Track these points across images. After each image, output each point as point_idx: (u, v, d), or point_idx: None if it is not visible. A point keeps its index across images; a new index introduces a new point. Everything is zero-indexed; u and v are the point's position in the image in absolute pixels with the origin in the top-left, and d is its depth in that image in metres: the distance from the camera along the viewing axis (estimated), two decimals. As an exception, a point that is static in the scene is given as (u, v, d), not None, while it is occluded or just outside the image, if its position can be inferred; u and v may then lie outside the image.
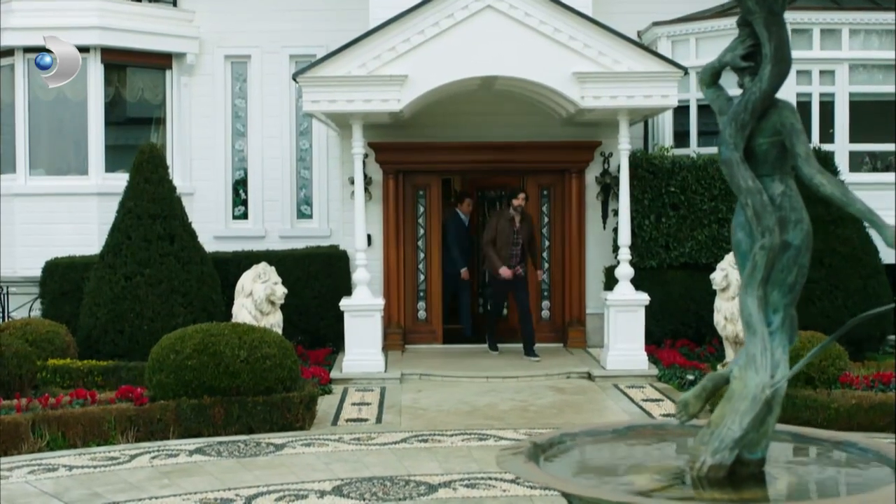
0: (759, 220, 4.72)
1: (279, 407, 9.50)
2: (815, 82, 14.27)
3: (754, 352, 4.52)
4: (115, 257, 12.27)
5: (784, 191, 4.88)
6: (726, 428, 4.40)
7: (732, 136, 4.84)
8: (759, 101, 4.87)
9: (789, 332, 4.75)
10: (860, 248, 12.53)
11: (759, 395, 4.43)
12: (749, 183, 4.73)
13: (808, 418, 9.44)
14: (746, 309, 4.62)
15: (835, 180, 4.66)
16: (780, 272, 4.76)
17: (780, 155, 4.84)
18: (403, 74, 11.76)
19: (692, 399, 4.79)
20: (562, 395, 11.33)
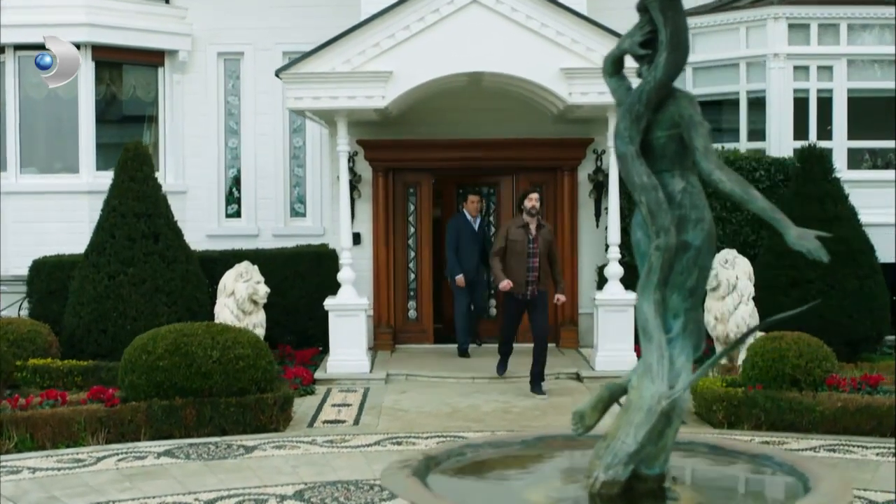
0: (654, 218, 4.42)
1: (252, 408, 9.35)
2: (813, 78, 14.04)
3: (650, 360, 4.26)
4: (98, 256, 12.15)
5: (685, 187, 4.55)
6: (620, 441, 4.13)
7: (627, 128, 4.57)
8: (653, 91, 4.58)
9: (694, 338, 4.46)
10: (856, 248, 12.27)
11: (655, 407, 4.16)
12: (643, 179, 4.45)
13: (792, 421, 9.26)
14: (642, 314, 4.36)
15: (735, 176, 4.38)
16: (679, 274, 4.45)
17: (679, 149, 4.53)
18: (388, 71, 11.59)
19: (588, 410, 4.50)
20: (549, 395, 11.13)
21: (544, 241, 11.14)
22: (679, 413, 4.31)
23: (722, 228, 13.12)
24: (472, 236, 13.26)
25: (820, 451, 8.55)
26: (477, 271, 13.24)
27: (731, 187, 4.33)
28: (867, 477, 7.75)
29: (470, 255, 13.16)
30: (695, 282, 4.46)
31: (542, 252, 11.10)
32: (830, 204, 12.31)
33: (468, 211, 13.33)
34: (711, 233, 4.54)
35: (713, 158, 4.43)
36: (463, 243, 13.12)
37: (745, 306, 11.44)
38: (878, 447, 8.65)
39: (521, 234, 11.07)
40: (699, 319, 4.54)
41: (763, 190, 12.99)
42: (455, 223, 13.34)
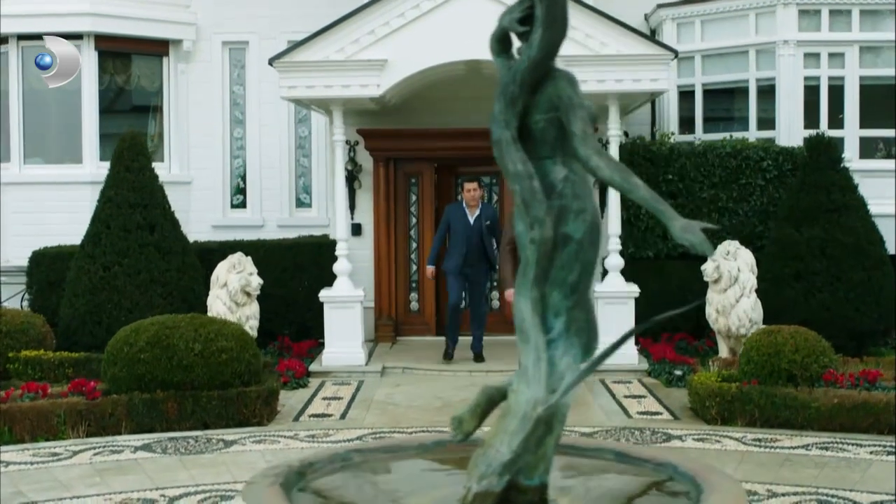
0: (528, 209, 4.10)
1: (235, 402, 9.21)
2: (824, 65, 13.72)
3: (526, 362, 3.98)
4: (94, 247, 12.06)
5: (566, 176, 4.22)
6: (495, 450, 3.83)
7: (502, 112, 4.28)
8: (527, 72, 4.26)
9: (583, 337, 4.16)
10: (864, 238, 11.95)
11: (530, 413, 3.87)
12: (518, 167, 4.15)
13: (788, 418, 9.00)
14: (518, 313, 4.08)
15: (615, 163, 4.06)
16: (560, 270, 4.14)
17: (560, 134, 4.21)
18: (383, 59, 11.41)
19: (467, 416, 4.17)
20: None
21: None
22: (561, 419, 4.04)
23: (728, 219, 12.88)
24: (465, 228, 12.05)
25: (812, 449, 8.30)
26: (470, 266, 12.07)
27: (611, 174, 4.00)
28: (856, 476, 7.50)
29: (458, 247, 12.05)
30: (577, 277, 4.14)
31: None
32: (838, 194, 12.00)
33: (465, 200, 12.25)
34: (595, 224, 4.22)
35: (592, 143, 4.08)
36: (453, 234, 12.15)
37: (746, 299, 11.18)
38: (874, 445, 8.38)
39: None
40: (587, 318, 4.21)
41: (771, 180, 12.76)
42: (448, 211, 12.41)
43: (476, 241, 12.07)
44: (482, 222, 12.13)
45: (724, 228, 12.79)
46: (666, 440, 8.66)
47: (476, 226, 12.14)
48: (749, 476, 7.48)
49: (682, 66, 14.48)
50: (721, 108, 14.80)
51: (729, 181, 12.85)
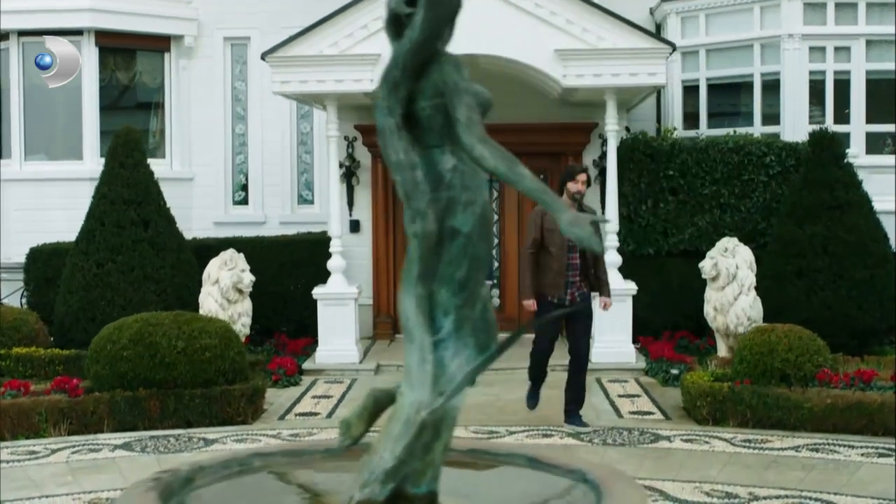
0: (410, 201, 3.89)
1: (218, 400, 9.11)
2: (830, 59, 13.48)
3: (411, 364, 3.82)
4: (88, 244, 12.00)
5: (455, 166, 4.00)
6: (378, 456, 3.64)
7: (385, 98, 4.00)
8: (409, 55, 4.00)
9: (480, 337, 3.95)
10: (867, 236, 11.70)
11: (414, 417, 3.67)
12: (400, 156, 3.95)
13: (780, 419, 8.82)
14: (403, 311, 3.91)
15: (501, 152, 3.82)
16: (448, 265, 3.92)
17: (448, 121, 3.97)
18: (376, 53, 11.24)
19: (355, 419, 3.98)
20: (543, 389, 10.75)
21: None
22: (450, 424, 3.84)
23: (730, 216, 12.67)
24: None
25: (802, 451, 8.11)
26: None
27: (495, 164, 3.77)
28: (843, 479, 7.31)
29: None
30: (466, 273, 3.90)
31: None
32: (841, 190, 11.76)
33: None
34: (485, 217, 4.00)
35: (476, 131, 3.83)
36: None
37: (745, 297, 10.99)
38: (866, 447, 8.18)
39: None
40: (482, 316, 3.98)
41: (774, 176, 12.55)
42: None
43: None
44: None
45: (725, 225, 12.60)
46: (654, 441, 8.49)
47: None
48: (732, 478, 7.31)
49: (687, 60, 14.30)
50: (726, 103, 14.59)
51: (731, 177, 12.64)
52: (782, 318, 11.51)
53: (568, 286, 8.70)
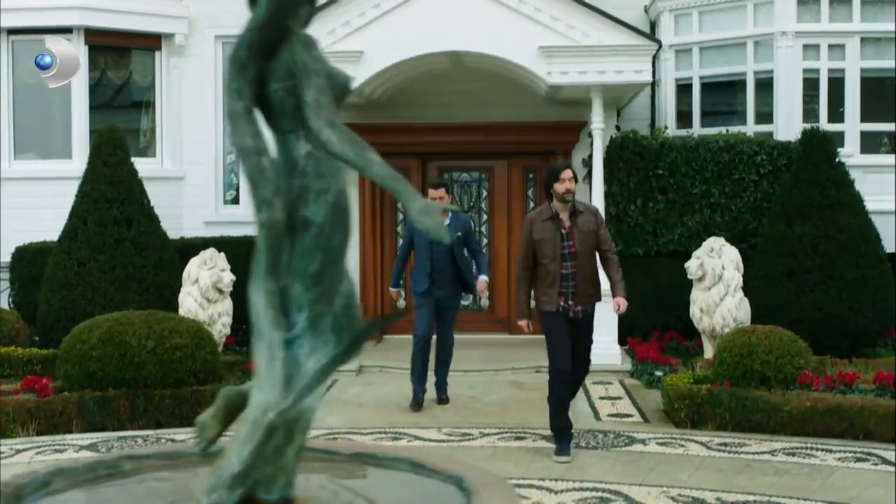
0: (255, 189, 3.72)
1: (189, 401, 8.99)
2: (824, 57, 13.26)
3: (259, 363, 3.65)
4: (70, 242, 11.90)
5: (309, 152, 3.83)
6: (226, 460, 3.52)
7: (233, 80, 3.84)
8: (254, 33, 3.82)
9: (343, 334, 3.78)
10: (859, 235, 11.51)
11: (261, 419, 3.49)
12: (247, 141, 3.77)
13: (759, 422, 8.64)
14: (252, 306, 3.76)
15: (350, 137, 3.63)
16: (300, 258, 3.74)
17: (301, 105, 3.79)
18: (358, 51, 11.16)
19: (209, 421, 3.85)
20: (519, 390, 10.63)
21: (585, 235, 7.83)
22: (304, 426, 3.68)
23: (721, 215, 12.48)
24: (431, 242, 9.19)
25: (778, 455, 7.93)
26: (439, 287, 9.80)
27: (342, 149, 3.60)
28: (815, 485, 7.13)
29: (423, 265, 9.85)
30: (319, 266, 3.73)
31: (585, 251, 7.84)
32: (832, 189, 11.57)
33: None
34: (339, 207, 3.80)
35: (324, 114, 3.67)
36: (417, 249, 9.91)
37: (731, 298, 10.81)
38: (844, 451, 7.99)
39: (550, 231, 7.79)
40: (346, 312, 3.79)
41: (765, 175, 12.37)
42: (409, 224, 10.16)
43: (445, 258, 9.76)
44: (452, 235, 9.36)
45: (716, 225, 12.41)
46: (628, 444, 8.32)
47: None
48: (701, 483, 7.14)
49: (680, 58, 14.12)
50: (720, 101, 14.40)
51: (721, 176, 12.45)
52: (772, 319, 11.33)
53: (567, 297, 7.78)
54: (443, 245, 8.82)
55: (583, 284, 7.81)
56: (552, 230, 7.79)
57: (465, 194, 13.69)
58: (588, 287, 7.88)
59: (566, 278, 7.76)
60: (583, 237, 7.81)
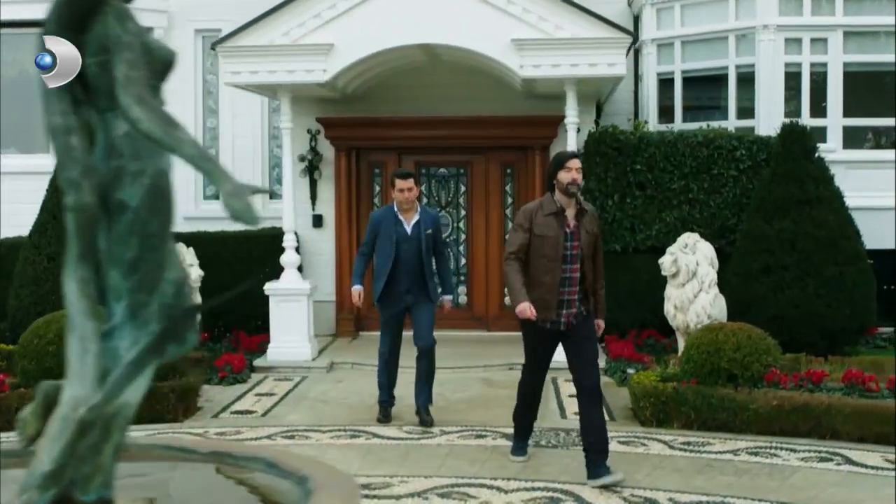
0: (63, 170, 3.57)
1: (147, 397, 8.76)
2: (806, 51, 13.10)
3: (71, 355, 3.50)
4: (40, 237, 11.80)
5: (128, 132, 3.64)
6: (39, 459, 3.36)
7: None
8: (62, 4, 3.64)
9: (160, 325, 3.61)
10: (837, 231, 11.34)
11: (71, 415, 3.36)
12: (56, 120, 3.62)
13: (725, 421, 8.47)
14: (65, 295, 3.61)
15: (160, 115, 3.46)
16: (116, 244, 3.58)
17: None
18: (329, 43, 10.99)
19: (30, 417, 3.65)
20: (488, 388, 10.48)
21: (589, 238, 7.09)
22: (122, 423, 3.53)
23: (699, 211, 12.31)
24: (398, 241, 8.73)
25: (741, 455, 7.76)
26: (409, 292, 8.77)
27: (150, 127, 3.42)
28: (773, 485, 6.97)
29: (385, 267, 8.76)
30: (137, 253, 3.55)
31: (588, 255, 7.08)
32: (811, 185, 11.40)
33: (396, 203, 8.85)
34: (157, 190, 3.63)
35: (134, 90, 3.48)
36: (381, 249, 8.83)
37: (705, 294, 10.64)
38: (808, 451, 7.83)
39: (554, 227, 6.97)
40: (174, 301, 3.63)
41: (745, 170, 12.21)
42: (375, 218, 9.03)
43: (413, 260, 8.74)
44: (421, 232, 8.78)
45: (694, 221, 12.24)
46: (589, 443, 8.15)
47: (414, 237, 8.77)
48: (657, 483, 6.99)
49: (662, 53, 13.96)
50: (702, 96, 14.24)
51: (700, 171, 12.28)
52: (749, 317, 11.17)
53: (563, 305, 7.01)
54: (410, 245, 8.75)
55: (580, 292, 7.07)
56: (556, 227, 6.95)
57: (442, 189, 13.52)
58: (586, 295, 7.13)
59: (567, 283, 6.99)
60: (588, 239, 7.05)
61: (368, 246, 9.04)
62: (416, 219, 8.83)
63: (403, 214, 8.83)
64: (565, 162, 7.07)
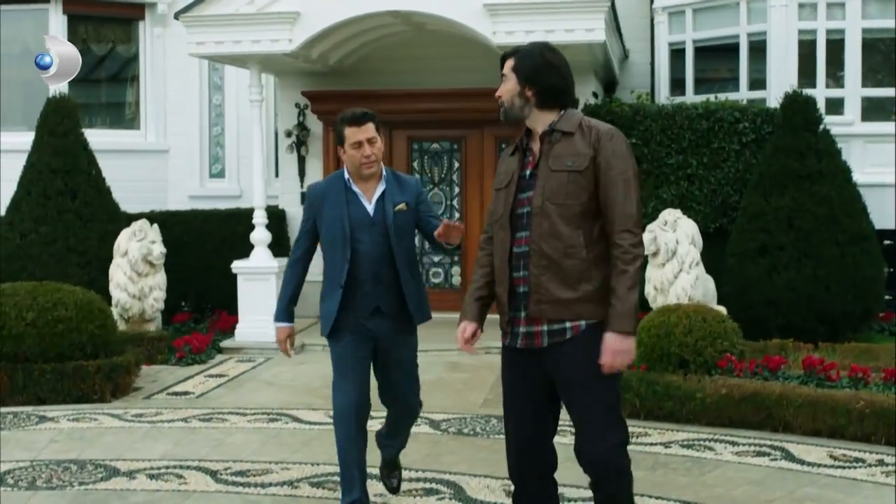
0: None
1: (71, 376, 8.52)
2: (822, 17, 12.18)
3: None
4: (14, 214, 11.60)
5: None
6: None
7: None
8: None
9: None
10: (840, 209, 10.48)
11: None
12: None
13: (671, 410, 7.80)
14: None
15: None
16: None
17: None
18: (294, 11, 10.54)
19: None
20: (451, 372, 9.94)
21: (561, 178, 4.21)
22: None
23: (699, 188, 11.55)
24: (355, 228, 5.38)
25: (672, 447, 7.10)
26: (374, 312, 5.43)
27: None
28: (684, 482, 6.32)
29: (337, 273, 5.39)
30: None
31: (563, 204, 4.20)
32: (813, 158, 10.57)
33: (350, 167, 5.44)
34: None
35: None
36: (328, 242, 5.45)
37: (686, 275, 9.89)
38: (749, 444, 7.13)
39: (511, 170, 4.44)
40: None
41: (748, 144, 11.46)
42: (317, 193, 5.56)
43: (379, 260, 5.40)
44: (388, 212, 5.43)
45: (693, 198, 11.49)
46: (516, 431, 7.57)
47: (377, 221, 5.42)
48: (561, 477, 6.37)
49: (674, 21, 13.19)
50: (717, 67, 13.45)
51: (700, 145, 11.50)
52: (744, 300, 10.56)
53: (514, 305, 4.32)
54: (374, 233, 5.36)
55: (547, 277, 4.22)
56: (514, 169, 4.45)
57: (435, 166, 12.97)
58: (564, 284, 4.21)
59: (516, 262, 4.32)
60: (557, 180, 4.24)
61: (304, 244, 5.56)
62: (381, 190, 5.41)
63: (360, 184, 5.41)
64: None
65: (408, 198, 5.52)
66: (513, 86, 4.39)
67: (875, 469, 6.53)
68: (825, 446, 7.07)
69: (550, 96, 4.38)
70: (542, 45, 4.53)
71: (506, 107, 4.42)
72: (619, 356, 4.11)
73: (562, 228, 4.20)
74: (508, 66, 4.42)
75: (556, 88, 4.38)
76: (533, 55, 4.42)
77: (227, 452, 7.00)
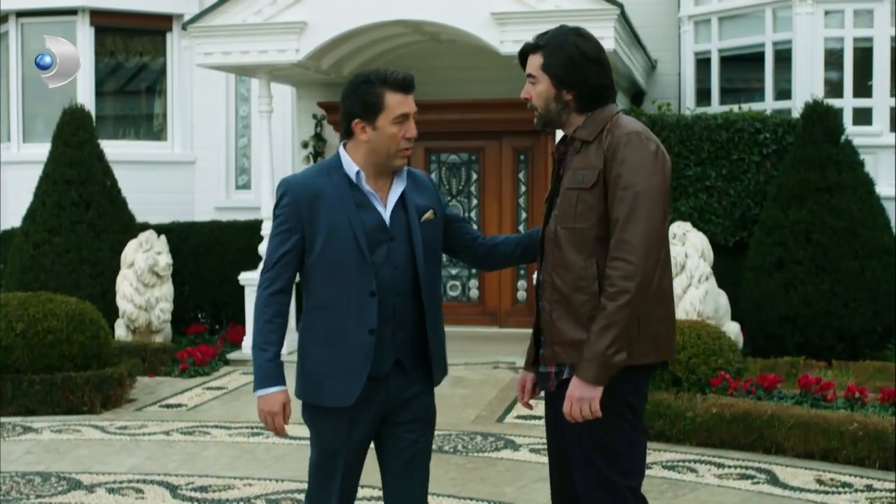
0: None
1: (59, 387, 8.49)
2: (849, 25, 11.78)
3: None
4: (29, 225, 11.68)
5: None
6: None
7: None
8: None
9: None
10: (860, 223, 10.11)
11: None
12: None
13: (661, 429, 7.53)
14: None
15: None
16: None
17: None
18: (301, 21, 10.45)
19: None
20: (453, 388, 9.70)
21: (571, 197, 3.65)
22: None
23: (718, 200, 11.22)
24: (376, 240, 3.73)
25: (653, 468, 6.83)
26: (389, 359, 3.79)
27: None
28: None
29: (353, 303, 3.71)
30: None
31: (573, 228, 3.63)
32: (833, 170, 10.21)
33: (375, 152, 3.77)
34: None
35: None
36: (327, 265, 3.72)
37: (695, 289, 9.59)
38: (735, 466, 6.86)
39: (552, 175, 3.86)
40: None
41: (768, 155, 11.13)
42: (305, 193, 3.71)
43: (404, 286, 3.78)
44: (410, 220, 3.83)
45: (712, 211, 11.16)
46: (497, 450, 7.39)
47: (398, 232, 3.80)
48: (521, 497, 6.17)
49: (699, 30, 12.89)
50: (743, 77, 13.11)
51: (719, 157, 11.18)
52: (760, 317, 10.25)
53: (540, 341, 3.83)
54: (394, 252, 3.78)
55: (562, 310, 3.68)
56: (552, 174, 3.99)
57: (453, 177, 12.80)
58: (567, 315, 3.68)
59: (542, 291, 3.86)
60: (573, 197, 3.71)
61: (287, 271, 3.79)
62: (400, 190, 3.85)
63: (372, 181, 3.82)
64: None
65: (429, 202, 3.88)
66: (546, 88, 3.73)
67: (860, 495, 6.23)
68: (815, 469, 6.77)
69: (594, 98, 3.70)
70: (572, 33, 3.77)
71: (540, 112, 3.78)
72: (578, 404, 3.52)
73: (572, 257, 3.60)
74: (535, 64, 3.78)
75: (598, 88, 3.69)
76: (565, 48, 3.70)
77: (196, 467, 6.89)
